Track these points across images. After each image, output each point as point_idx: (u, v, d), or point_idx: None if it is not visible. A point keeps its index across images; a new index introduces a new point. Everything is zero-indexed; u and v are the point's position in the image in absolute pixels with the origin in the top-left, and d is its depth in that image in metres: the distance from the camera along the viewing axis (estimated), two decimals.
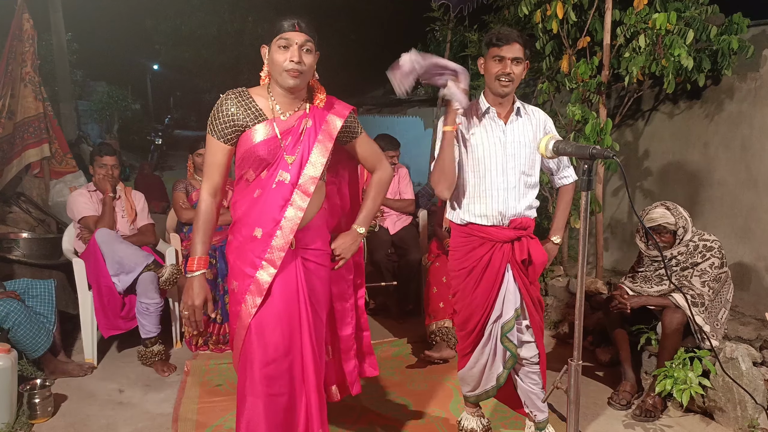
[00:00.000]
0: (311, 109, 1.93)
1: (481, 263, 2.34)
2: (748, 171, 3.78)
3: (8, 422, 2.65)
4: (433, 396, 3.07)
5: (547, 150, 1.61)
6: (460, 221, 2.39)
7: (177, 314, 3.71)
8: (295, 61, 1.79)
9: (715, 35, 3.55)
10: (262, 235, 1.86)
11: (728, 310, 2.95)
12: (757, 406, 2.64)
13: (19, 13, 4.97)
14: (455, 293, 2.47)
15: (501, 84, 2.24)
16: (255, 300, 1.86)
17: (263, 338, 1.86)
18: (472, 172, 2.32)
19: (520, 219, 2.33)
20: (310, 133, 1.89)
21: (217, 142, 1.88)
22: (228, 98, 1.86)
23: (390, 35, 11.23)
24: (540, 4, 4.03)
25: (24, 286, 3.22)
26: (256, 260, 1.86)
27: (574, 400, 1.60)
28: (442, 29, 6.41)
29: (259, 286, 1.86)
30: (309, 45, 1.83)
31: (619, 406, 2.91)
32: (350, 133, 2.04)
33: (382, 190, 2.14)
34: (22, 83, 4.98)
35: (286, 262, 1.88)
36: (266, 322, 1.86)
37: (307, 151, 1.88)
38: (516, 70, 2.24)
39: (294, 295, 1.91)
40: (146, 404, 3.00)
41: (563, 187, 2.54)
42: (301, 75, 1.81)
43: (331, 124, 1.94)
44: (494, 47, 2.24)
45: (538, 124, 2.38)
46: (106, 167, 3.65)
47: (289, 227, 1.85)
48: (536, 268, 2.36)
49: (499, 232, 2.31)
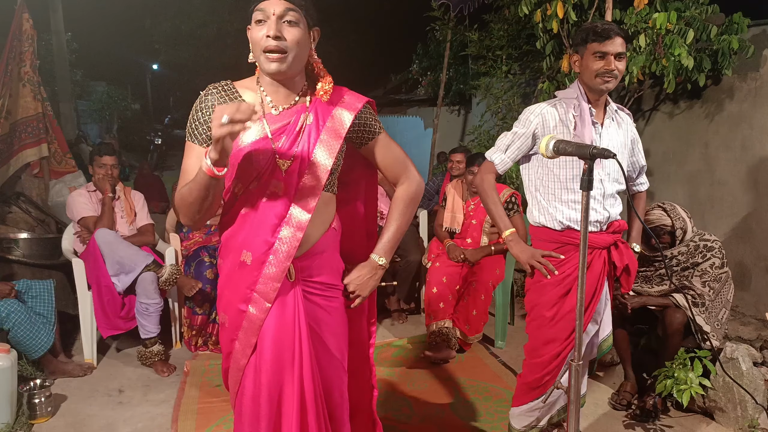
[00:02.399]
0: (313, 101, 1.53)
1: (575, 273, 2.07)
2: (748, 171, 3.78)
3: (8, 422, 2.65)
4: (433, 396, 3.07)
5: (548, 150, 1.59)
6: (559, 226, 2.15)
7: (177, 314, 3.71)
8: (272, 35, 1.39)
9: (715, 35, 3.55)
10: (252, 261, 1.49)
11: (729, 310, 2.95)
12: (757, 406, 2.64)
13: (19, 13, 4.96)
14: (532, 308, 2.20)
15: (604, 80, 2.05)
16: (250, 340, 1.52)
17: (258, 390, 1.52)
18: (568, 176, 2.12)
19: (617, 222, 2.21)
20: (310, 130, 1.50)
21: (197, 147, 1.49)
22: (209, 94, 1.50)
23: (390, 35, 11.24)
24: (540, 4, 4.03)
25: (24, 286, 3.21)
26: (247, 291, 1.50)
27: (574, 400, 1.59)
28: (442, 29, 6.42)
29: (253, 323, 1.51)
30: (292, 15, 1.41)
31: (619, 406, 2.91)
32: (366, 132, 1.61)
33: (409, 207, 1.68)
34: (21, 83, 4.97)
35: (283, 296, 1.50)
36: (261, 369, 1.51)
37: (307, 154, 1.48)
38: (620, 66, 2.06)
39: (290, 340, 1.51)
40: (146, 404, 2.99)
41: (638, 194, 2.49)
42: (284, 56, 1.41)
43: (339, 119, 1.53)
44: (595, 42, 2.05)
45: (627, 130, 2.24)
46: (105, 167, 3.65)
47: (284, 252, 1.47)
48: (632, 275, 2.21)
49: (600, 238, 2.15)
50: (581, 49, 2.10)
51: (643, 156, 2.38)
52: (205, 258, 3.68)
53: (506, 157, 2.22)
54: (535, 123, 2.14)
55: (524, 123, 2.17)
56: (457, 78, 7.35)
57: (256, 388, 1.52)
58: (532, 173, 2.23)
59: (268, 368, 1.51)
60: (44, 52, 8.64)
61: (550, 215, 2.16)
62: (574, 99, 2.11)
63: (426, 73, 8.62)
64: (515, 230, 2.23)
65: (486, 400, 3.00)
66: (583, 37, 2.09)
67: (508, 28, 5.48)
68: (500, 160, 2.23)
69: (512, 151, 2.21)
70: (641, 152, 2.37)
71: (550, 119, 2.12)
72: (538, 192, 2.20)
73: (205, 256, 3.70)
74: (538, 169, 2.20)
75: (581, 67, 2.11)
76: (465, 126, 7.41)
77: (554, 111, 2.13)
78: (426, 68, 8.58)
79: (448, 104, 7.56)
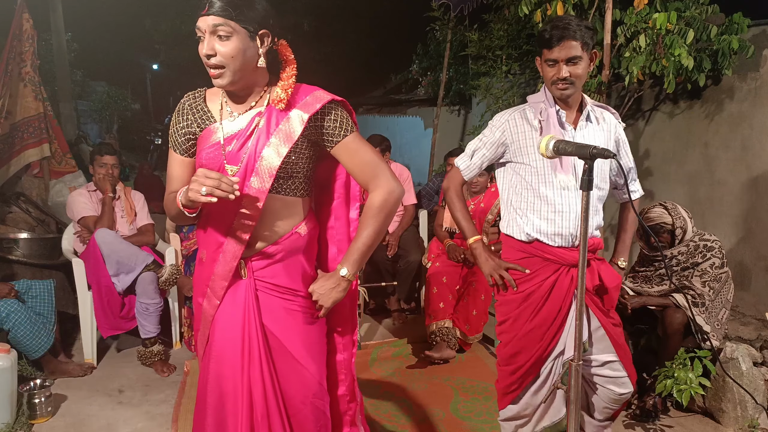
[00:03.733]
0: (268, 106, 1.52)
1: (542, 288, 2.02)
2: (748, 171, 3.78)
3: (8, 422, 2.65)
4: (433, 396, 3.07)
5: (548, 150, 1.57)
6: (526, 238, 2.05)
7: (176, 314, 3.71)
8: (204, 54, 1.41)
9: (715, 35, 3.55)
10: (206, 258, 1.58)
11: (729, 310, 2.95)
12: (757, 406, 2.64)
13: (19, 12, 4.97)
14: (503, 321, 2.13)
15: (558, 88, 1.96)
16: (205, 332, 1.60)
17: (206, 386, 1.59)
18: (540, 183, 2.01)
19: (591, 239, 2.02)
20: (260, 134, 1.49)
21: (175, 154, 1.59)
22: (184, 102, 1.58)
23: (390, 35, 11.23)
24: (540, 4, 4.03)
25: (24, 286, 3.22)
26: (203, 287, 1.59)
27: (574, 400, 1.59)
28: (442, 29, 6.42)
29: (206, 317, 1.59)
30: (223, 30, 1.39)
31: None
32: (328, 135, 1.53)
33: (377, 217, 1.55)
34: (22, 83, 4.97)
35: (233, 294, 1.55)
36: (212, 362, 1.58)
37: (253, 158, 1.48)
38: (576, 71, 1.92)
39: (237, 338, 1.54)
40: (146, 404, 2.99)
41: (628, 203, 2.25)
42: (223, 72, 1.42)
43: (294, 120, 1.49)
44: (544, 49, 1.94)
45: (609, 130, 2.08)
46: (106, 167, 3.65)
47: (231, 252, 1.51)
48: (611, 293, 2.04)
49: (568, 254, 2.00)
50: (540, 53, 2.00)
51: (630, 158, 2.19)
52: None
53: (472, 162, 2.16)
54: (501, 129, 2.08)
55: (491, 129, 2.11)
56: (457, 78, 7.34)
57: (204, 378, 1.60)
58: (506, 181, 2.15)
59: (215, 360, 1.57)
60: (44, 52, 8.62)
61: (518, 226, 2.07)
62: (541, 103, 2.03)
63: (426, 73, 8.61)
64: (480, 238, 2.18)
65: (486, 400, 3.00)
66: (537, 41, 1.99)
67: (508, 28, 5.47)
68: (466, 165, 2.18)
69: (478, 157, 2.14)
70: (628, 154, 2.18)
71: (516, 125, 2.05)
72: (510, 201, 2.11)
73: None
74: (512, 177, 2.12)
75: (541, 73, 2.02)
76: (465, 126, 7.41)
77: (520, 117, 2.06)
78: (426, 68, 8.57)
79: (448, 104, 7.55)
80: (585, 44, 1.91)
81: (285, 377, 1.58)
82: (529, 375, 2.07)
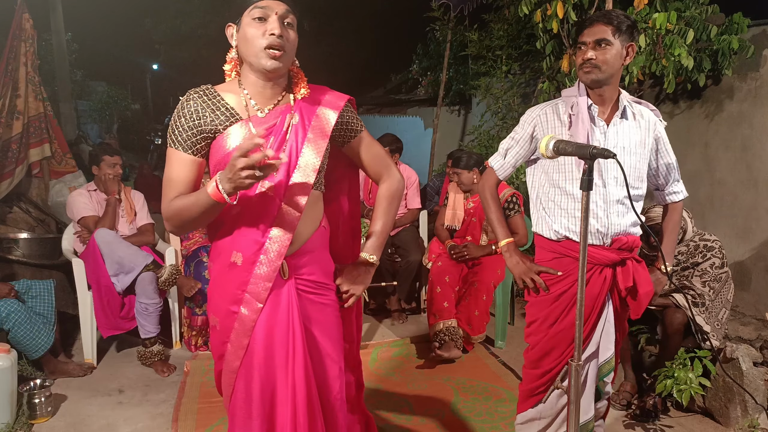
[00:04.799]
0: (296, 101, 1.54)
1: (574, 288, 1.94)
2: (748, 171, 3.78)
3: (8, 422, 2.65)
4: (433, 396, 3.06)
5: (548, 150, 1.56)
6: (555, 236, 2.00)
7: (176, 314, 3.71)
8: (276, 34, 1.41)
9: (715, 35, 3.56)
10: (242, 261, 1.49)
11: (729, 310, 2.95)
12: (757, 406, 2.64)
13: (19, 13, 4.96)
14: (532, 323, 2.07)
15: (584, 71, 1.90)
16: (242, 341, 1.51)
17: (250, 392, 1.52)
18: (567, 180, 1.97)
19: (626, 237, 1.96)
20: (297, 130, 1.51)
21: (181, 154, 1.48)
22: (190, 99, 1.50)
23: (390, 35, 11.24)
24: (540, 4, 4.03)
25: (24, 286, 3.21)
26: (237, 293, 1.50)
27: (574, 400, 1.59)
28: (442, 29, 6.42)
29: (245, 324, 1.50)
30: (291, 18, 1.46)
31: (619, 406, 2.91)
32: (348, 131, 1.63)
33: (392, 204, 1.71)
34: (25, 83, 4.97)
35: (276, 295, 1.50)
36: (254, 369, 1.51)
37: (295, 153, 1.49)
38: (601, 56, 1.86)
39: (284, 339, 1.51)
40: (146, 404, 2.99)
41: (672, 205, 2.17)
42: (284, 55, 1.44)
43: (323, 118, 1.54)
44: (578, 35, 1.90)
45: (647, 127, 1.99)
46: (115, 167, 3.66)
47: (275, 251, 1.47)
48: (641, 299, 1.97)
49: (600, 254, 1.94)
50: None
51: (673, 158, 2.08)
52: (204, 258, 3.68)
53: (506, 161, 2.12)
54: (532, 125, 2.03)
55: (522, 125, 2.08)
56: (457, 78, 7.34)
57: (248, 389, 1.52)
58: (535, 179, 2.10)
59: (261, 369, 1.51)
60: (44, 52, 8.62)
61: (547, 225, 2.03)
62: (573, 97, 1.97)
63: (426, 73, 8.61)
64: (512, 241, 2.14)
65: (486, 400, 3.00)
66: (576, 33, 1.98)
67: (508, 28, 5.48)
68: (500, 165, 2.14)
69: (512, 156, 2.10)
70: (669, 153, 2.07)
71: (547, 120, 2.01)
72: (539, 199, 2.07)
73: (204, 256, 3.70)
74: (540, 175, 2.07)
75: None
76: (465, 126, 7.41)
77: (552, 111, 2.01)
78: (426, 68, 8.57)
79: (448, 104, 7.55)
80: (618, 31, 1.86)
81: (319, 374, 1.59)
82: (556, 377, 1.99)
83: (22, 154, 4.90)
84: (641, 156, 1.99)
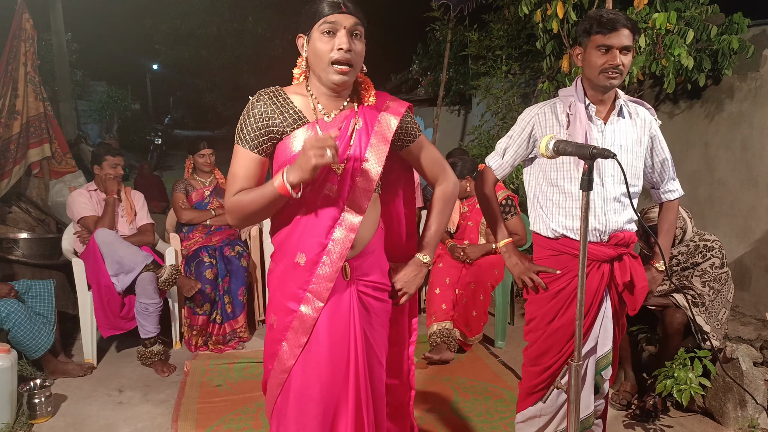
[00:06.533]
0: (360, 107, 1.60)
1: (572, 285, 1.97)
2: (748, 171, 3.78)
3: (8, 422, 2.65)
4: (433, 396, 3.07)
5: (548, 150, 1.56)
6: (552, 234, 2.02)
7: (176, 314, 3.71)
8: (345, 49, 1.47)
9: (715, 35, 3.55)
10: (305, 262, 1.53)
11: (728, 310, 2.95)
12: (757, 406, 2.64)
13: (19, 13, 4.96)
14: (531, 320, 2.10)
15: (608, 77, 1.89)
16: (300, 339, 1.54)
17: (306, 389, 1.54)
18: (565, 179, 1.99)
19: (622, 234, 1.99)
20: (360, 135, 1.56)
21: (247, 152, 1.54)
22: (260, 99, 1.54)
23: (390, 35, 11.23)
24: (540, 4, 4.03)
25: (24, 286, 3.22)
26: (299, 292, 1.54)
27: (574, 400, 1.59)
28: (442, 29, 6.42)
29: (304, 322, 1.53)
30: (359, 29, 1.51)
31: (619, 406, 2.91)
32: (407, 135, 1.67)
33: (448, 206, 1.77)
34: (26, 83, 4.97)
35: (337, 295, 1.55)
36: (311, 367, 1.54)
37: (359, 158, 1.55)
38: (626, 61, 1.88)
39: (344, 339, 1.55)
40: (146, 404, 2.99)
41: (667, 203, 2.18)
42: (351, 70, 1.50)
43: (385, 123, 1.60)
44: (599, 35, 1.88)
45: (643, 126, 2.02)
46: (117, 167, 3.67)
47: (338, 252, 1.52)
48: (637, 294, 2.00)
49: (598, 250, 1.97)
50: (584, 40, 1.92)
51: (668, 156, 2.11)
52: (204, 258, 3.68)
53: (504, 161, 2.12)
54: (530, 124, 2.03)
55: (520, 124, 2.08)
56: (457, 78, 7.34)
57: (305, 386, 1.54)
58: (533, 178, 2.11)
59: (324, 367, 1.54)
60: (44, 52, 8.62)
61: (545, 223, 2.04)
62: (571, 96, 1.98)
63: (426, 73, 8.61)
64: (510, 241, 2.15)
65: (486, 400, 3.00)
66: (586, 27, 1.91)
67: (508, 28, 5.47)
68: (498, 164, 2.14)
69: (510, 155, 2.11)
70: (665, 151, 2.10)
71: (545, 119, 2.01)
72: (536, 198, 2.08)
73: (204, 256, 3.70)
74: (538, 174, 2.08)
75: (584, 62, 1.94)
76: (465, 126, 7.41)
77: (550, 111, 2.01)
78: (426, 68, 8.57)
79: (448, 104, 7.55)
80: (634, 39, 1.90)
81: (371, 375, 1.62)
82: (557, 374, 2.02)
83: (20, 154, 4.90)
84: (637, 154, 2.01)
